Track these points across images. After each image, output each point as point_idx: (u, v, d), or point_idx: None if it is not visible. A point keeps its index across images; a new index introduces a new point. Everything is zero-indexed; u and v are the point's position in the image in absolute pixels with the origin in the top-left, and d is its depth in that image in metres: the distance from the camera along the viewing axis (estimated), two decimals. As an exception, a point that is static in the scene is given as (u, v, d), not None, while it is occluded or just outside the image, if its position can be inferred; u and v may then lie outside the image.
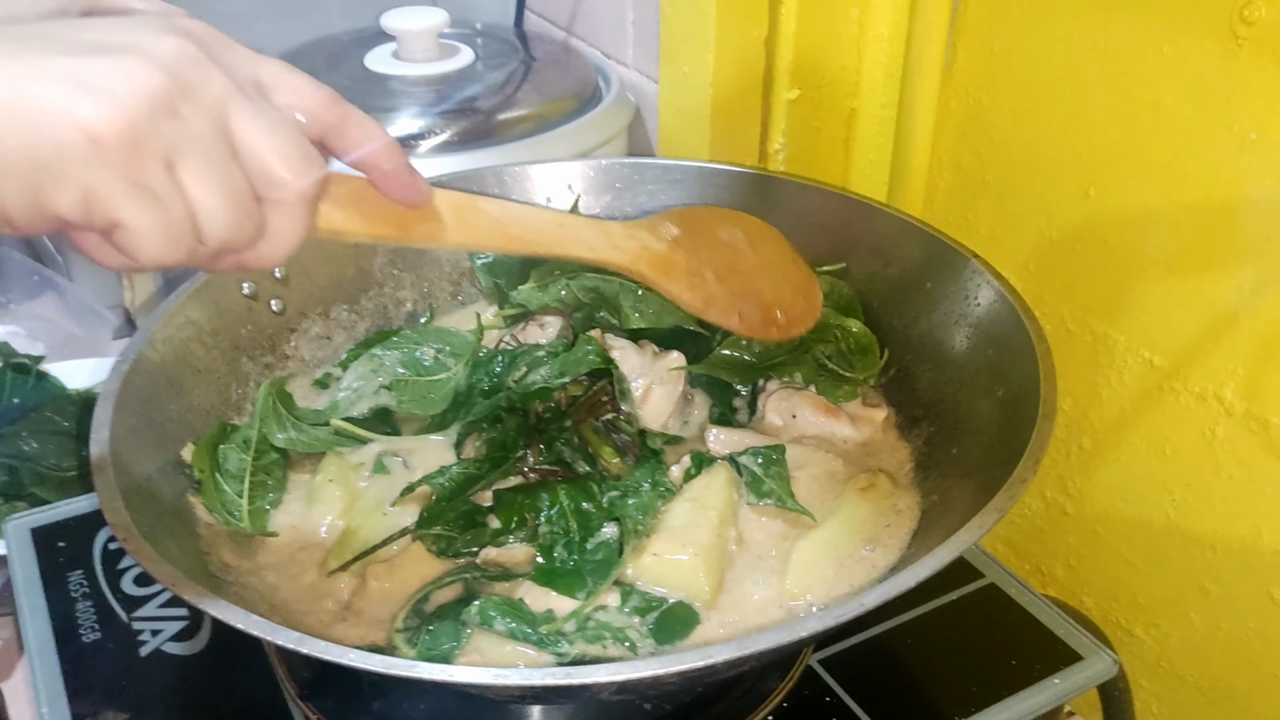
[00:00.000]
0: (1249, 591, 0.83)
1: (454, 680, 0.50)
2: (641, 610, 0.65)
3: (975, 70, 0.95)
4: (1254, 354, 0.78)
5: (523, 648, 0.62)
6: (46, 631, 0.74)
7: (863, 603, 0.53)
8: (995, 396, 0.71)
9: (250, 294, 0.82)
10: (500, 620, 0.62)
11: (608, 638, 0.63)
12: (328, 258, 0.87)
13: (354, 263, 0.89)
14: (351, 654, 0.50)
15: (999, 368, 0.73)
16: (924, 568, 0.54)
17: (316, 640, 0.50)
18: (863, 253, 0.86)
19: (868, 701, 0.69)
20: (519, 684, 0.50)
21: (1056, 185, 0.90)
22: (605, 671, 0.49)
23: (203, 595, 0.53)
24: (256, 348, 0.83)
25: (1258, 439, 0.79)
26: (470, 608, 0.62)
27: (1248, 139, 0.75)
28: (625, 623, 0.64)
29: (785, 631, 0.52)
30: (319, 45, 1.15)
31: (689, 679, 0.58)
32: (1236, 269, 0.78)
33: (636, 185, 0.93)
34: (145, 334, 0.73)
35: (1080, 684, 0.71)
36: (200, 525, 0.69)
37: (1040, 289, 0.94)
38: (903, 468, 0.78)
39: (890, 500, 0.73)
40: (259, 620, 0.51)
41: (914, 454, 0.79)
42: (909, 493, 0.75)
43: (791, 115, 1.07)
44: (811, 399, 0.79)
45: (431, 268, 0.92)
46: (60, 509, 0.84)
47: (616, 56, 1.21)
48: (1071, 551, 0.98)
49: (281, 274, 0.84)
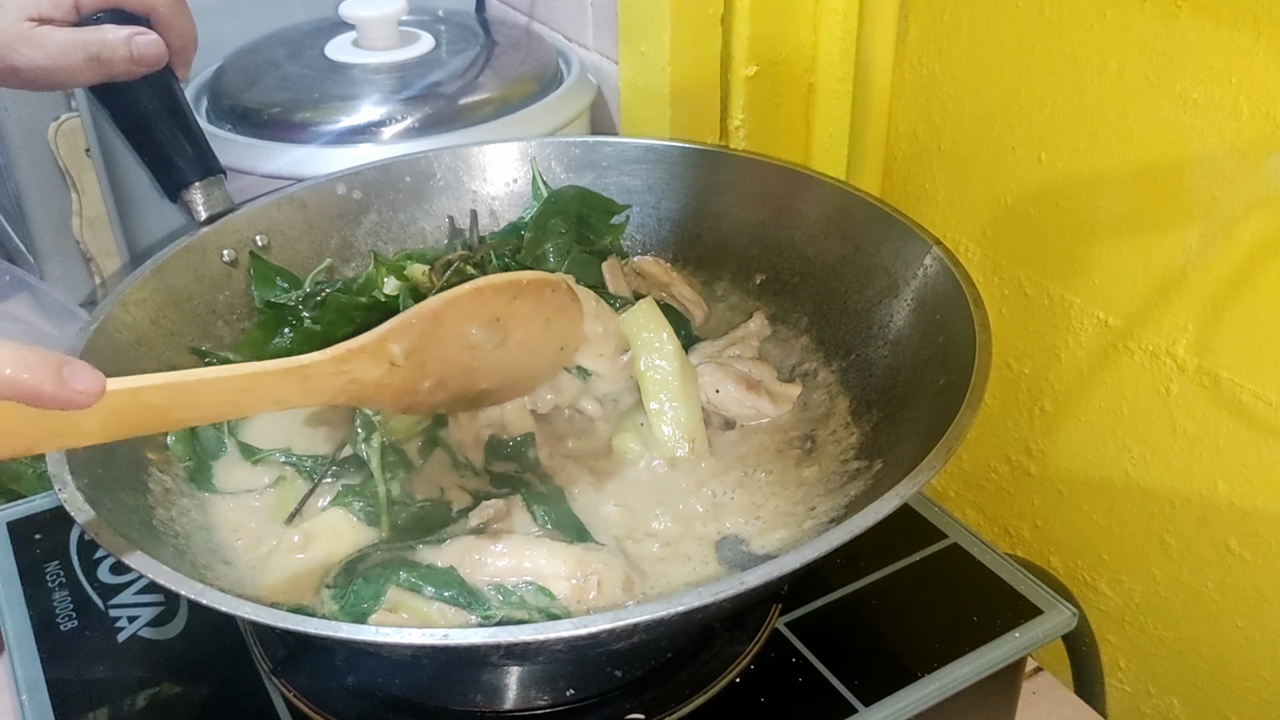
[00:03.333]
0: (1207, 544, 0.85)
1: (350, 638, 0.51)
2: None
3: (927, 40, 0.97)
4: (1203, 311, 0.80)
5: (447, 609, 0.63)
6: (24, 622, 0.74)
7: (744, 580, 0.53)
8: (937, 385, 0.71)
9: (230, 261, 0.83)
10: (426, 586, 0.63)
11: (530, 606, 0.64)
12: (310, 228, 0.88)
13: (337, 232, 0.90)
14: (247, 607, 0.51)
15: (945, 356, 0.72)
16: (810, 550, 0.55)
17: (215, 591, 0.52)
18: (829, 234, 0.86)
19: (834, 662, 0.71)
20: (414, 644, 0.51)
21: (1009, 151, 0.92)
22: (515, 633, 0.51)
23: (122, 546, 0.54)
24: (233, 313, 0.83)
25: (1209, 394, 0.81)
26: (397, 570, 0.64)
27: (1190, 99, 0.77)
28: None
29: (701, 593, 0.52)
30: (280, 36, 1.16)
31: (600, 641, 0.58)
32: (1184, 228, 0.80)
33: (595, 164, 0.94)
34: (117, 294, 0.74)
35: (1040, 637, 0.73)
36: (153, 481, 0.70)
37: (998, 254, 0.95)
38: (846, 453, 0.78)
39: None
40: (167, 571, 0.53)
41: (860, 439, 0.78)
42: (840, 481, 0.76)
43: (750, 92, 1.09)
44: (734, 374, 0.80)
45: (416, 240, 0.93)
46: (35, 502, 0.84)
47: (577, 39, 1.21)
48: (1037, 512, 1.00)
49: (264, 242, 0.85)
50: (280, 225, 0.87)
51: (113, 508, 0.62)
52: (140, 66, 0.75)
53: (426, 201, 0.94)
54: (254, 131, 1.03)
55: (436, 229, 0.94)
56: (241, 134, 1.04)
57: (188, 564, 0.65)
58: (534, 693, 0.68)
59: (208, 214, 0.82)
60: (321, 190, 0.89)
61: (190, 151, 0.81)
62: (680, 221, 0.95)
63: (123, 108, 0.79)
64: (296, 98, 1.04)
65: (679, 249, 0.95)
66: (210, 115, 1.08)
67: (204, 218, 0.82)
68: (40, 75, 0.73)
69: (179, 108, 0.80)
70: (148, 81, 0.77)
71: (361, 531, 0.70)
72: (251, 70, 1.10)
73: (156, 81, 0.78)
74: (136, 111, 0.78)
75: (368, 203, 0.91)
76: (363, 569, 0.65)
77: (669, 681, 0.69)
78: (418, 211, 0.93)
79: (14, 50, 0.71)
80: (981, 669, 0.71)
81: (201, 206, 0.82)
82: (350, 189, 0.90)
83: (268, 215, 0.86)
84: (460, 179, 0.94)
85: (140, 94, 0.78)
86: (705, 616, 0.65)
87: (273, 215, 0.86)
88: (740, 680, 0.69)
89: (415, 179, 0.93)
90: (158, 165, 0.81)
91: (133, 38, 0.74)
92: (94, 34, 0.73)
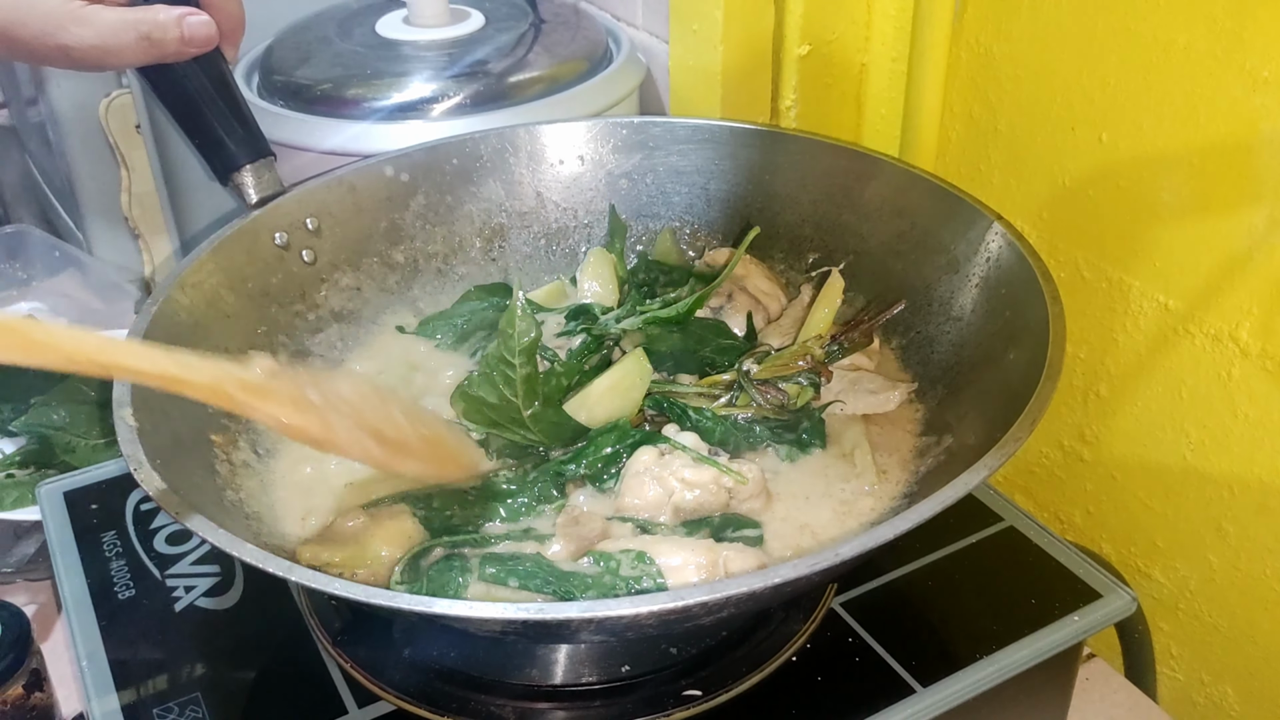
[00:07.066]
0: (1266, 531, 0.84)
1: (442, 613, 0.51)
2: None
3: (985, 19, 0.95)
4: (1268, 294, 0.79)
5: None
6: (83, 590, 0.75)
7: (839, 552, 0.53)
8: (1006, 359, 0.71)
9: (283, 244, 0.83)
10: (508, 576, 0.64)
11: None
12: (359, 210, 0.88)
13: (386, 215, 0.90)
14: (337, 583, 0.51)
15: (1013, 330, 0.72)
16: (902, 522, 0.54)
17: (304, 570, 0.52)
18: (886, 213, 0.86)
19: (890, 642, 0.70)
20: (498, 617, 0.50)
21: (1069, 132, 0.90)
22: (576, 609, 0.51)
23: (187, 513, 0.55)
24: (286, 296, 0.84)
25: (1273, 378, 0.80)
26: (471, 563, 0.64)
27: (1260, 77, 0.75)
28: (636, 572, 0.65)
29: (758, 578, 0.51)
30: (330, 14, 1.16)
31: (666, 620, 0.57)
32: (1250, 209, 0.78)
33: (643, 144, 0.94)
34: (175, 277, 0.74)
35: (1099, 621, 0.72)
36: (219, 463, 0.70)
37: (1054, 237, 0.94)
38: (913, 430, 0.77)
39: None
40: (253, 548, 0.53)
41: (925, 415, 0.78)
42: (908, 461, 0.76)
43: (803, 71, 1.08)
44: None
45: (464, 223, 0.93)
46: (91, 473, 0.85)
47: (626, 18, 1.21)
48: (1089, 498, 0.98)
49: (314, 225, 0.85)
50: (330, 208, 0.87)
51: (187, 488, 0.62)
52: (191, 47, 0.75)
53: (473, 184, 0.94)
54: (305, 107, 1.03)
55: (483, 210, 0.94)
56: (293, 109, 1.04)
57: (263, 543, 0.66)
58: (589, 668, 0.68)
59: (259, 197, 0.82)
60: (370, 172, 0.90)
61: (240, 133, 0.80)
62: (730, 202, 0.95)
63: (172, 89, 0.79)
64: (348, 74, 1.04)
65: (728, 230, 0.95)
66: (261, 91, 1.08)
67: (255, 200, 0.82)
68: (90, 55, 0.72)
69: (229, 89, 0.80)
70: (198, 63, 0.77)
71: (417, 532, 0.70)
72: (303, 46, 1.10)
73: (206, 63, 0.78)
74: (186, 93, 0.78)
75: (415, 185, 0.91)
76: (425, 565, 0.66)
77: (725, 659, 0.69)
78: (464, 194, 0.93)
79: (64, 29, 0.71)
80: (1040, 653, 0.70)
81: (252, 189, 0.82)
82: (398, 171, 0.90)
83: (317, 198, 0.86)
84: (506, 161, 0.94)
85: (190, 75, 0.78)
86: (794, 590, 0.64)
87: (322, 198, 0.87)
88: (797, 659, 0.69)
89: (462, 161, 0.93)
90: (207, 147, 0.81)
91: (184, 18, 0.74)
92: (145, 14, 0.72)
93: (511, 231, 0.95)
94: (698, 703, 0.66)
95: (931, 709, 0.66)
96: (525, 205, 0.95)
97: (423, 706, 0.66)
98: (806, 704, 0.66)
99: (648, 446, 0.70)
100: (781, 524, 0.71)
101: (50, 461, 0.97)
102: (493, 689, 0.67)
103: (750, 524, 0.69)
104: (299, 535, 0.70)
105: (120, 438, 0.60)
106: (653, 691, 0.67)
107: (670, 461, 0.69)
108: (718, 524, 0.68)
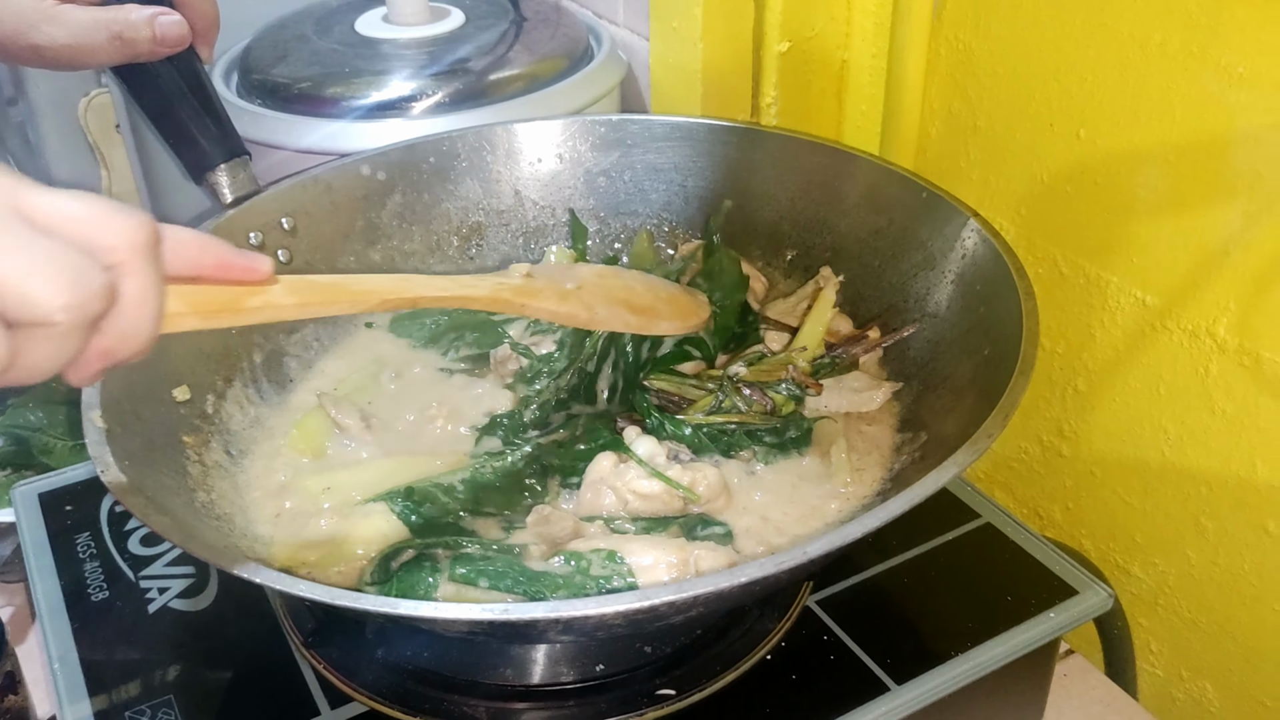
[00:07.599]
0: (1244, 526, 0.84)
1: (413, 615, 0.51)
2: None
3: (964, 16, 0.95)
4: (1245, 289, 0.79)
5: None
6: (56, 592, 0.75)
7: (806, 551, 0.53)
8: (981, 356, 0.71)
9: (257, 244, 0.83)
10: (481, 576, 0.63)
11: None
12: (335, 210, 0.88)
13: (363, 214, 0.90)
14: (302, 585, 0.51)
15: (988, 326, 0.72)
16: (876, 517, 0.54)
17: (270, 572, 0.52)
18: (864, 209, 0.86)
19: (866, 640, 0.70)
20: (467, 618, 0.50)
21: (1047, 128, 0.90)
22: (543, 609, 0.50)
23: (153, 514, 0.54)
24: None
25: (1250, 374, 0.80)
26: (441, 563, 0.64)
27: (1235, 73, 0.75)
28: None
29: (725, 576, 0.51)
30: (310, 12, 1.15)
31: (633, 620, 0.58)
32: (1226, 204, 0.78)
33: (621, 142, 0.93)
34: None
35: (1076, 617, 0.72)
36: (190, 464, 0.70)
37: (1032, 233, 0.94)
38: (888, 430, 0.77)
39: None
40: (210, 546, 0.54)
41: (900, 411, 0.78)
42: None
43: (783, 68, 1.07)
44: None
45: (441, 221, 0.93)
46: (66, 474, 0.85)
47: (607, 15, 1.20)
48: (1068, 494, 0.98)
49: (290, 224, 0.85)
50: (306, 207, 0.86)
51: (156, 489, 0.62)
52: (163, 47, 0.75)
53: (451, 182, 0.93)
54: (284, 106, 1.03)
55: (461, 209, 0.94)
56: (271, 109, 1.03)
57: (233, 545, 0.65)
58: (564, 668, 0.68)
59: (233, 196, 0.81)
60: (346, 171, 0.89)
61: (215, 132, 0.80)
62: (708, 199, 0.94)
63: (146, 88, 0.78)
64: (327, 72, 1.04)
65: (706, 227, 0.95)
66: (240, 90, 1.07)
67: (229, 200, 0.81)
68: (62, 54, 0.72)
69: (203, 88, 0.80)
70: (171, 62, 0.77)
71: (395, 528, 0.70)
72: (282, 45, 1.10)
73: (180, 62, 0.77)
74: (160, 92, 0.78)
75: (392, 184, 0.91)
76: (395, 566, 0.65)
77: (699, 658, 0.68)
78: (442, 192, 0.93)
79: (36, 28, 0.71)
80: (1015, 649, 0.70)
81: (227, 189, 0.81)
82: (375, 170, 0.90)
83: (293, 197, 0.86)
84: (484, 159, 0.94)
85: (163, 75, 0.77)
86: (763, 589, 0.64)
87: (298, 197, 0.86)
88: (771, 657, 0.69)
89: (439, 159, 0.93)
90: (181, 147, 0.80)
91: (156, 18, 0.73)
92: (117, 13, 0.72)
93: (489, 230, 0.95)
94: (671, 702, 0.66)
95: (907, 706, 0.66)
96: (503, 203, 0.95)
97: (395, 707, 0.66)
98: (781, 702, 0.66)
99: (608, 453, 0.70)
100: (756, 521, 0.71)
101: (28, 463, 0.96)
102: (466, 689, 0.67)
103: (717, 522, 0.69)
104: (273, 536, 0.70)
105: (88, 439, 0.60)
106: (627, 691, 0.67)
107: (625, 471, 0.69)
108: (687, 522, 0.68)
